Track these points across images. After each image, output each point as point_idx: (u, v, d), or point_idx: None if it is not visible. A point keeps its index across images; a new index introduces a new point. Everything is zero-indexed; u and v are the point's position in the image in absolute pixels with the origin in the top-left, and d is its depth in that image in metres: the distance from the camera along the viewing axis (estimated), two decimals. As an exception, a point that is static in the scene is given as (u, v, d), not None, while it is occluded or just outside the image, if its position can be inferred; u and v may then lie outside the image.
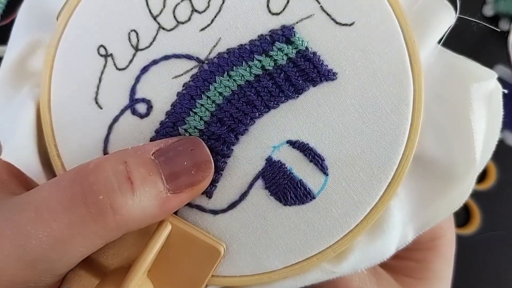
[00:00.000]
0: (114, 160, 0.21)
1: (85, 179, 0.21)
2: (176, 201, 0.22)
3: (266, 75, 0.24)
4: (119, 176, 0.21)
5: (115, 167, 0.21)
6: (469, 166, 0.24)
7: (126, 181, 0.20)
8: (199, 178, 0.22)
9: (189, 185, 0.22)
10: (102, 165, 0.21)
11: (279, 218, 0.24)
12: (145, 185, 0.21)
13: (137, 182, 0.21)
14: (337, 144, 0.24)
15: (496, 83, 0.25)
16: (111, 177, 0.21)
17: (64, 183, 0.21)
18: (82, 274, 0.23)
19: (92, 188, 0.20)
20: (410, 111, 0.24)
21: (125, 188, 0.20)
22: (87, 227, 0.20)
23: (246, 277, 0.25)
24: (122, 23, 0.24)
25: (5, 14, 0.35)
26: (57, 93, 0.25)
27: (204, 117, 0.24)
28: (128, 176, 0.21)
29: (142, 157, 0.21)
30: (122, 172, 0.21)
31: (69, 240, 0.20)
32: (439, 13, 0.25)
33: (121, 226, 0.21)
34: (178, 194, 0.22)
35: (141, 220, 0.21)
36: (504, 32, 0.38)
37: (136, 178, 0.21)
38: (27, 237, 0.20)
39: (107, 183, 0.20)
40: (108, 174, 0.21)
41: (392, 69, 0.24)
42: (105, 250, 0.24)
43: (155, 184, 0.21)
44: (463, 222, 0.38)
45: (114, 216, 0.20)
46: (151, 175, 0.21)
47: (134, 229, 0.22)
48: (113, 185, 0.20)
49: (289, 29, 0.24)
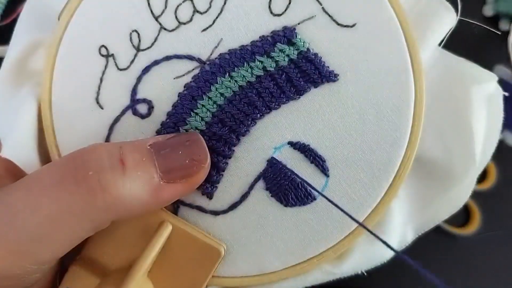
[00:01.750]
0: (110, 144, 0.21)
1: (78, 158, 0.21)
2: (169, 191, 0.22)
3: (268, 76, 0.24)
4: (112, 157, 0.21)
5: (109, 149, 0.21)
6: (469, 167, 0.25)
7: (118, 161, 0.20)
8: (194, 169, 0.22)
9: (184, 176, 0.22)
10: (97, 147, 0.21)
11: (279, 219, 0.24)
12: (137, 169, 0.21)
13: (129, 164, 0.21)
14: (338, 145, 0.24)
15: (496, 85, 0.25)
16: (103, 157, 0.21)
17: (58, 162, 0.21)
18: (83, 274, 0.23)
19: (83, 165, 0.20)
20: (411, 112, 0.24)
21: (116, 167, 0.20)
22: (76, 205, 0.20)
23: (246, 277, 0.25)
24: (124, 24, 0.24)
25: (5, 14, 0.35)
26: (58, 93, 0.25)
27: (205, 117, 0.24)
28: (121, 158, 0.21)
29: (138, 146, 0.22)
30: (115, 154, 0.21)
31: (57, 218, 0.20)
32: (440, 14, 0.25)
33: (110, 207, 0.20)
34: (172, 184, 0.21)
35: (131, 205, 0.21)
36: (504, 33, 0.38)
37: (129, 160, 0.21)
38: (14, 215, 0.19)
39: (98, 161, 0.20)
40: (101, 154, 0.21)
41: (393, 70, 0.24)
42: (106, 250, 0.24)
43: (148, 169, 0.21)
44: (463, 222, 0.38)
45: (103, 194, 0.20)
46: (145, 160, 0.21)
47: (124, 215, 0.21)
48: (104, 163, 0.20)
49: (291, 30, 0.24)
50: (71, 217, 0.20)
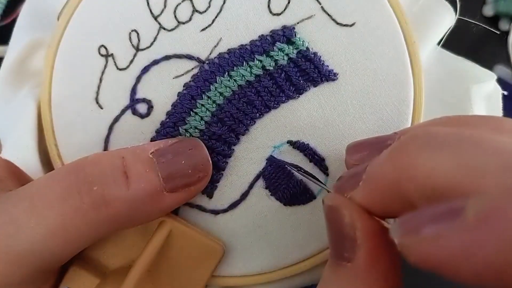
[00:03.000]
0: (112, 155, 0.21)
1: (81, 171, 0.21)
2: (172, 200, 0.22)
3: (267, 75, 0.24)
4: (115, 169, 0.21)
5: (112, 161, 0.21)
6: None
7: (121, 175, 0.20)
8: (196, 178, 0.22)
9: (186, 184, 0.22)
10: (100, 158, 0.21)
11: (279, 218, 0.24)
12: (141, 181, 0.21)
13: (133, 177, 0.21)
14: (337, 144, 0.24)
15: (495, 85, 0.26)
16: (107, 170, 0.21)
17: (60, 174, 0.21)
18: (83, 274, 0.23)
19: (87, 179, 0.20)
20: (410, 111, 0.24)
21: (120, 181, 0.20)
22: (80, 218, 0.20)
23: (246, 277, 0.25)
24: (123, 23, 0.24)
25: (5, 14, 0.35)
26: (58, 93, 0.25)
27: (204, 117, 0.24)
28: (124, 170, 0.21)
29: (140, 155, 0.21)
30: (119, 166, 0.21)
31: (61, 231, 0.20)
32: (439, 14, 0.25)
33: (114, 220, 0.20)
34: (175, 194, 0.22)
35: (135, 216, 0.21)
36: (504, 33, 0.38)
37: (132, 173, 0.21)
38: (19, 227, 0.19)
39: (102, 175, 0.20)
40: (105, 167, 0.21)
41: (392, 69, 0.24)
42: (106, 250, 0.24)
43: (151, 181, 0.21)
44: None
45: (106, 208, 0.20)
46: (148, 171, 0.21)
47: (128, 226, 0.22)
48: (108, 177, 0.20)
49: (290, 30, 0.24)
50: (75, 230, 0.20)
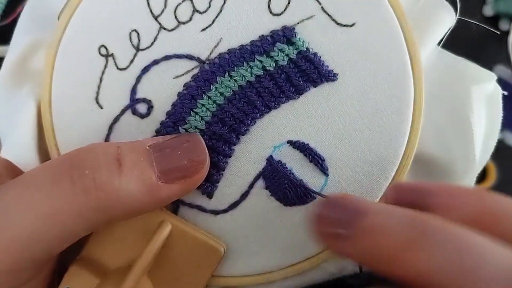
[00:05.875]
0: (107, 144, 0.22)
1: (75, 157, 0.21)
2: (167, 191, 0.21)
3: (267, 76, 0.24)
4: (108, 156, 0.21)
5: (107, 149, 0.21)
6: (469, 166, 0.25)
7: (114, 161, 0.20)
8: (193, 170, 0.22)
9: (183, 176, 0.22)
10: (95, 146, 0.21)
11: (279, 218, 0.24)
12: (134, 169, 0.21)
13: (126, 164, 0.21)
14: (337, 144, 0.24)
15: (496, 85, 0.26)
16: (100, 156, 0.21)
17: (55, 161, 0.21)
18: (83, 273, 0.23)
19: (80, 164, 0.20)
20: (410, 112, 0.24)
21: (112, 167, 0.20)
22: (70, 203, 0.20)
23: (246, 277, 0.25)
24: (123, 23, 0.24)
25: (5, 14, 0.35)
26: (58, 93, 0.25)
27: (205, 117, 0.24)
28: (118, 157, 0.21)
29: (137, 146, 0.22)
30: (112, 153, 0.21)
31: (51, 216, 0.20)
32: (440, 14, 0.25)
33: (104, 207, 0.20)
34: (170, 185, 0.21)
35: (127, 205, 0.21)
36: (504, 33, 0.38)
37: (126, 160, 0.21)
38: (9, 212, 0.19)
39: (95, 160, 0.20)
40: (98, 154, 0.21)
41: (392, 70, 0.24)
42: (106, 250, 0.24)
43: (145, 169, 0.21)
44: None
45: (97, 193, 0.20)
46: (142, 160, 0.21)
47: (122, 216, 0.21)
48: (100, 163, 0.20)
49: (290, 30, 0.24)
50: (65, 216, 0.20)
